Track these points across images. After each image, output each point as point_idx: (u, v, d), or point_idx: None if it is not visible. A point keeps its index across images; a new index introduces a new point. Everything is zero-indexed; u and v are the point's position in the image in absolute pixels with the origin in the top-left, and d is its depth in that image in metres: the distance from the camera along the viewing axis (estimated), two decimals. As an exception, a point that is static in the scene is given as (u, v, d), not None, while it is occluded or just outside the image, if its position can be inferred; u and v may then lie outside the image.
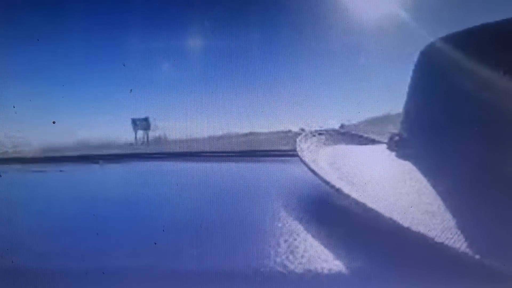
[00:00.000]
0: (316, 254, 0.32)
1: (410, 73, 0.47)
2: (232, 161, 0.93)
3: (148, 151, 1.04)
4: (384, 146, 0.51)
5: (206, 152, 0.94)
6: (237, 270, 0.31)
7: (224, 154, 0.93)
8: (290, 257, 0.32)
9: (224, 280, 0.30)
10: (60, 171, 0.88)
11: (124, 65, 0.94)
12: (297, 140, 0.55)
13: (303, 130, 0.80)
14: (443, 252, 0.26)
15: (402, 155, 0.45)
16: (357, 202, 0.33)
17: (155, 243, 0.35)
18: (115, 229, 0.42)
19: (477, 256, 0.25)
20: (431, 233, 0.28)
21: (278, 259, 0.31)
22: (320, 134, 0.61)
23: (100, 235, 0.38)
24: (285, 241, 0.35)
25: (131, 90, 0.84)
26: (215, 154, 0.93)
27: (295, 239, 0.35)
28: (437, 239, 0.27)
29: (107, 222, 0.45)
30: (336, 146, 0.58)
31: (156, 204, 0.53)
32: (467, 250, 0.26)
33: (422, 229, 0.28)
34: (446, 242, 0.27)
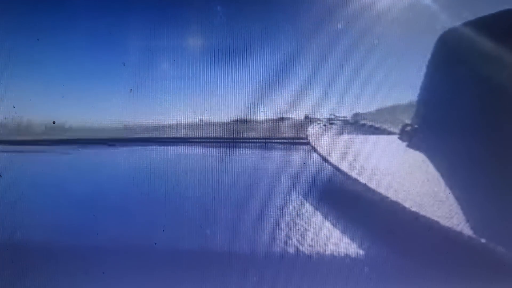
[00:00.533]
0: (326, 241, 0.32)
1: (424, 62, 0.47)
2: (243, 148, 0.93)
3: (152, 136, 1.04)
4: (395, 136, 0.51)
5: (214, 138, 0.94)
6: (246, 258, 0.31)
7: (234, 141, 0.94)
8: (300, 245, 0.32)
9: (234, 270, 0.30)
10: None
11: (124, 65, 0.94)
12: (308, 129, 0.55)
13: (309, 118, 0.80)
14: (455, 242, 0.26)
15: (414, 146, 0.45)
16: (370, 190, 0.33)
17: (163, 230, 0.36)
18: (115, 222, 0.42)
19: (492, 249, 0.25)
20: (443, 223, 0.27)
21: (288, 251, 0.31)
22: (331, 123, 0.62)
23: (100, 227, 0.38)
24: (297, 230, 0.35)
25: (131, 90, 0.84)
26: (226, 140, 0.94)
27: (307, 228, 0.35)
28: (449, 229, 0.27)
29: (106, 216, 0.45)
30: (347, 136, 0.58)
31: (161, 193, 0.53)
32: (480, 241, 0.25)
33: (434, 219, 0.28)
34: (458, 232, 0.26)
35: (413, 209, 0.29)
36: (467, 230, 0.27)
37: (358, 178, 0.36)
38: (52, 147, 1.00)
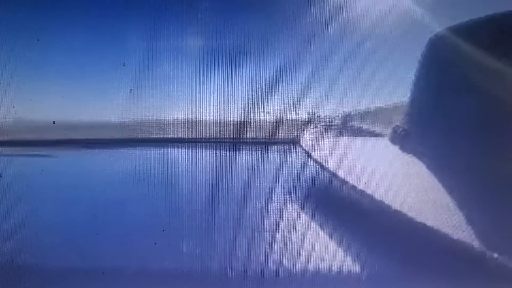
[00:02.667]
0: (319, 246, 0.32)
1: (416, 63, 0.47)
2: (233, 150, 0.93)
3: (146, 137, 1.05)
4: (387, 139, 0.50)
5: (207, 139, 0.95)
6: (244, 258, 0.31)
7: (225, 141, 0.94)
8: (293, 251, 0.32)
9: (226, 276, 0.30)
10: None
11: (124, 65, 0.94)
12: (299, 131, 0.54)
13: (301, 119, 0.81)
14: (449, 247, 0.26)
15: (406, 149, 0.45)
16: (361, 192, 0.33)
17: (163, 229, 0.36)
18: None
19: (486, 253, 0.25)
20: (437, 228, 0.27)
21: (280, 255, 0.31)
22: (323, 126, 0.61)
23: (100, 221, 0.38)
24: (289, 232, 0.35)
25: (131, 90, 0.85)
26: (216, 141, 0.94)
27: (300, 231, 0.35)
28: (443, 234, 0.26)
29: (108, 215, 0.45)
30: (339, 139, 0.58)
31: (159, 193, 0.53)
32: (474, 246, 0.25)
33: (428, 224, 0.27)
34: (453, 237, 0.26)
35: (406, 213, 0.29)
36: (461, 234, 0.27)
37: (347, 179, 0.35)
38: (52, 147, 1.01)
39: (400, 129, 0.47)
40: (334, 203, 0.41)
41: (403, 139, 0.46)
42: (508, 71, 0.32)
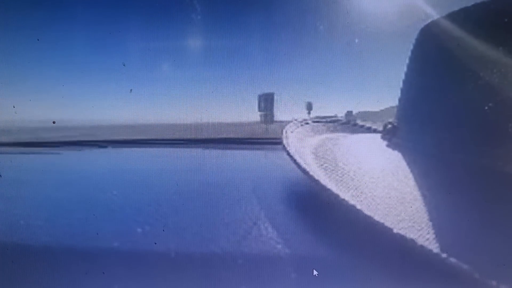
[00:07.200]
0: (295, 250, 0.32)
1: (405, 61, 0.46)
2: (225, 149, 0.94)
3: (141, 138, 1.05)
4: (377, 135, 0.49)
5: (204, 140, 0.96)
6: (241, 259, 0.31)
7: (219, 141, 0.95)
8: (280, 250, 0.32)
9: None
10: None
11: (124, 65, 0.94)
12: (284, 129, 0.53)
13: (304, 115, 0.81)
14: (431, 254, 0.25)
15: (393, 145, 0.44)
16: (337, 197, 0.31)
17: (163, 229, 0.36)
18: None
19: (472, 261, 0.24)
20: (416, 233, 0.26)
21: (277, 256, 0.31)
22: (314, 121, 0.60)
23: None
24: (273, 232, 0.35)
25: (131, 90, 0.85)
26: (213, 141, 0.96)
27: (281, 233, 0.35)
28: (425, 242, 0.25)
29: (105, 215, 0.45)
30: (326, 135, 0.57)
31: (159, 193, 0.53)
32: (457, 252, 0.24)
33: (403, 226, 0.26)
34: (436, 244, 0.25)
35: (383, 221, 0.28)
36: (451, 245, 0.25)
37: (327, 184, 0.34)
38: (52, 147, 1.01)
39: (390, 126, 0.46)
40: (315, 208, 0.40)
41: (392, 137, 0.46)
42: (497, 66, 0.32)
